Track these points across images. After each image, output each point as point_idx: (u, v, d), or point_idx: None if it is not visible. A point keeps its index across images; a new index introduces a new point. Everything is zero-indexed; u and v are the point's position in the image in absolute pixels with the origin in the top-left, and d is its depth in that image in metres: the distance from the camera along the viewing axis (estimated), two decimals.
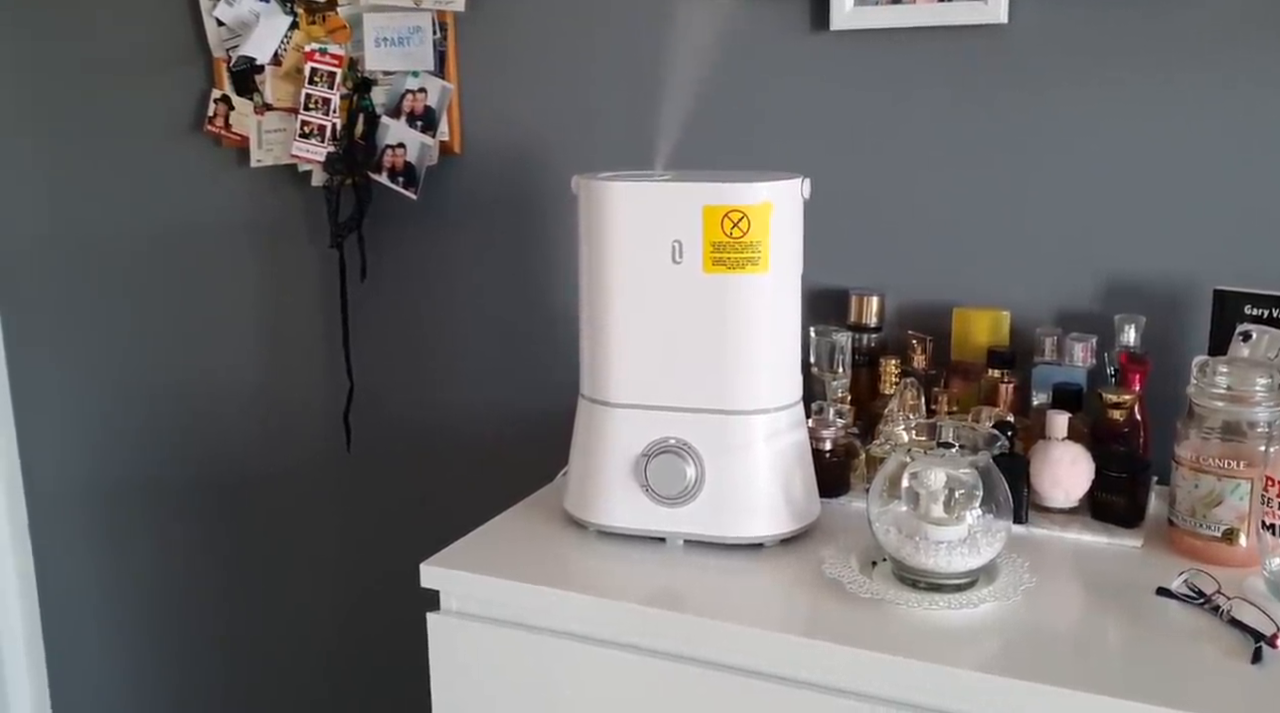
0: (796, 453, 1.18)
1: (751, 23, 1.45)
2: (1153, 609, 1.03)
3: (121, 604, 2.15)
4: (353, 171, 1.71)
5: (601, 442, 1.19)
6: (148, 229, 1.94)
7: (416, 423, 1.80)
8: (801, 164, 1.43)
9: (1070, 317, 1.36)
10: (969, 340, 1.37)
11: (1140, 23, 1.28)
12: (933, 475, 1.05)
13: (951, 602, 1.02)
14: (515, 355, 1.71)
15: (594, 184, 1.15)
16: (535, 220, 1.65)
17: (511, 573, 1.14)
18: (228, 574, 2.03)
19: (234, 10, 1.76)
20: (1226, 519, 1.09)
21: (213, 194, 1.87)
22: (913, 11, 1.36)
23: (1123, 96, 1.30)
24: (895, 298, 1.44)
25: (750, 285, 1.12)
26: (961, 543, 1.04)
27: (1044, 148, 1.35)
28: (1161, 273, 1.32)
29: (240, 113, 1.80)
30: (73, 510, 2.15)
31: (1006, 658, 0.95)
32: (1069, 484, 1.18)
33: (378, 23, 1.65)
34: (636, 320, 1.15)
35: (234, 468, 1.97)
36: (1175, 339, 1.30)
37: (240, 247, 1.87)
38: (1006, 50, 1.34)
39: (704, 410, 1.15)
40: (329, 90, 1.70)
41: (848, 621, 1.02)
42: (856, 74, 1.42)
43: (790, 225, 1.14)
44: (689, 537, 1.17)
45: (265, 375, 1.90)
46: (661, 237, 1.12)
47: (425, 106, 1.66)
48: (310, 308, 1.84)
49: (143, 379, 2.02)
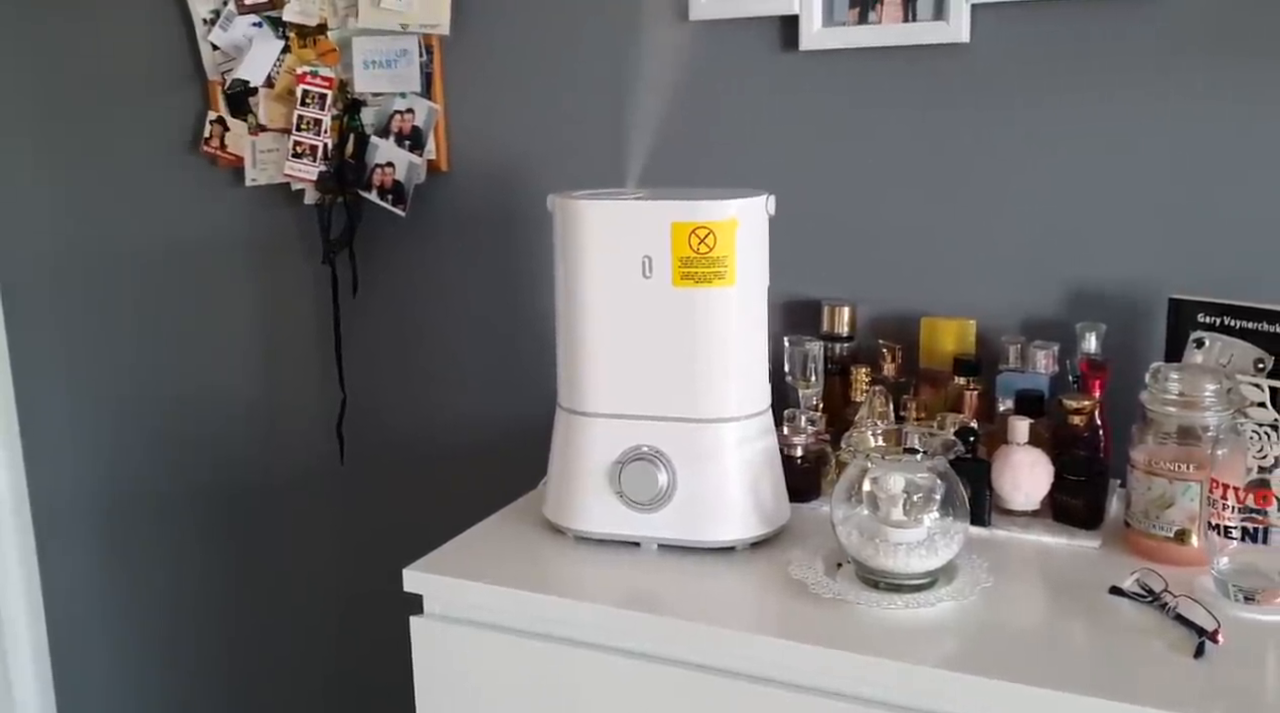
0: (766, 459, 1.22)
1: (724, 45, 1.50)
2: (1105, 608, 1.07)
3: (125, 613, 2.20)
4: (344, 190, 1.76)
5: (577, 450, 1.24)
6: (148, 246, 1.99)
7: (408, 433, 1.85)
8: (774, 181, 1.47)
9: (1035, 325, 1.40)
10: (936, 349, 1.41)
11: (1095, 40, 1.32)
12: (892, 480, 1.09)
13: (910, 601, 1.06)
14: (501, 366, 1.75)
15: (568, 202, 1.20)
16: (519, 235, 1.69)
17: (492, 577, 1.18)
18: (227, 582, 2.08)
19: (228, 35, 1.81)
20: (1178, 520, 1.13)
21: (210, 212, 1.92)
22: (878, 32, 1.41)
23: (1081, 111, 1.35)
24: (866, 308, 1.48)
25: (717, 298, 1.17)
26: (920, 544, 1.08)
27: (1007, 161, 1.39)
28: (1121, 282, 1.36)
29: (235, 133, 1.85)
30: (76, 521, 2.20)
31: (962, 655, 1.00)
32: (1029, 487, 1.23)
33: (366, 46, 1.70)
34: (609, 333, 1.20)
35: (232, 479, 2.02)
36: (1135, 346, 1.34)
37: (237, 263, 1.92)
38: (968, 68, 1.38)
39: (675, 419, 1.19)
40: (320, 111, 1.75)
41: (812, 620, 1.06)
42: (826, 92, 1.46)
43: (756, 240, 1.18)
44: (663, 541, 1.21)
45: (261, 388, 1.95)
46: (632, 252, 1.17)
47: (413, 126, 1.71)
48: (304, 322, 1.89)
49: (143, 393, 2.07)
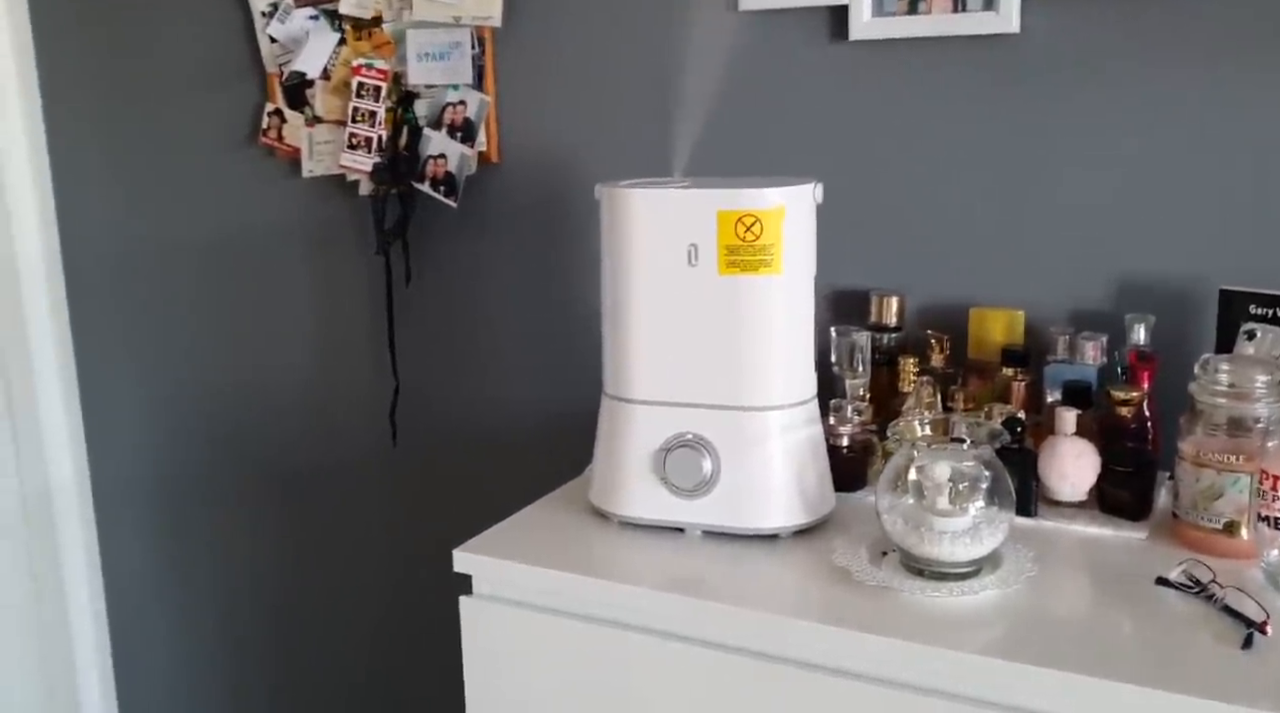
0: (810, 448, 1.23)
1: (773, 35, 1.51)
2: (1151, 598, 1.07)
3: (183, 595, 2.25)
4: (397, 181, 1.79)
5: (622, 437, 1.25)
6: (207, 237, 2.04)
7: (458, 419, 1.88)
8: (822, 171, 1.47)
9: (1083, 316, 1.40)
10: (985, 339, 1.41)
11: (1146, 29, 1.31)
12: (938, 468, 1.09)
13: (954, 589, 1.06)
14: (549, 355, 1.77)
15: (615, 191, 1.21)
16: (569, 226, 1.71)
17: (539, 560, 1.20)
18: (282, 564, 2.12)
19: (286, 28, 1.85)
20: (1227, 512, 1.13)
21: (267, 203, 1.96)
22: (928, 22, 1.40)
23: (1132, 100, 1.34)
24: (914, 298, 1.48)
25: (763, 286, 1.17)
26: (965, 533, 1.08)
27: (1057, 152, 1.39)
28: (1171, 274, 1.35)
29: (293, 125, 1.89)
30: (137, 506, 2.26)
31: (1007, 643, 1.00)
32: (1075, 478, 1.22)
33: (420, 39, 1.73)
34: (655, 321, 1.21)
35: (288, 462, 2.06)
36: (1183, 338, 1.33)
37: (293, 253, 1.96)
38: (1018, 57, 1.38)
39: (719, 406, 1.20)
40: (375, 103, 1.78)
41: (856, 607, 1.06)
42: (875, 83, 1.47)
43: (803, 228, 1.19)
44: (707, 528, 1.23)
45: (316, 375, 1.99)
46: (678, 241, 1.18)
47: (465, 118, 1.73)
48: (358, 311, 1.92)
49: (201, 380, 2.12)
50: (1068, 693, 0.94)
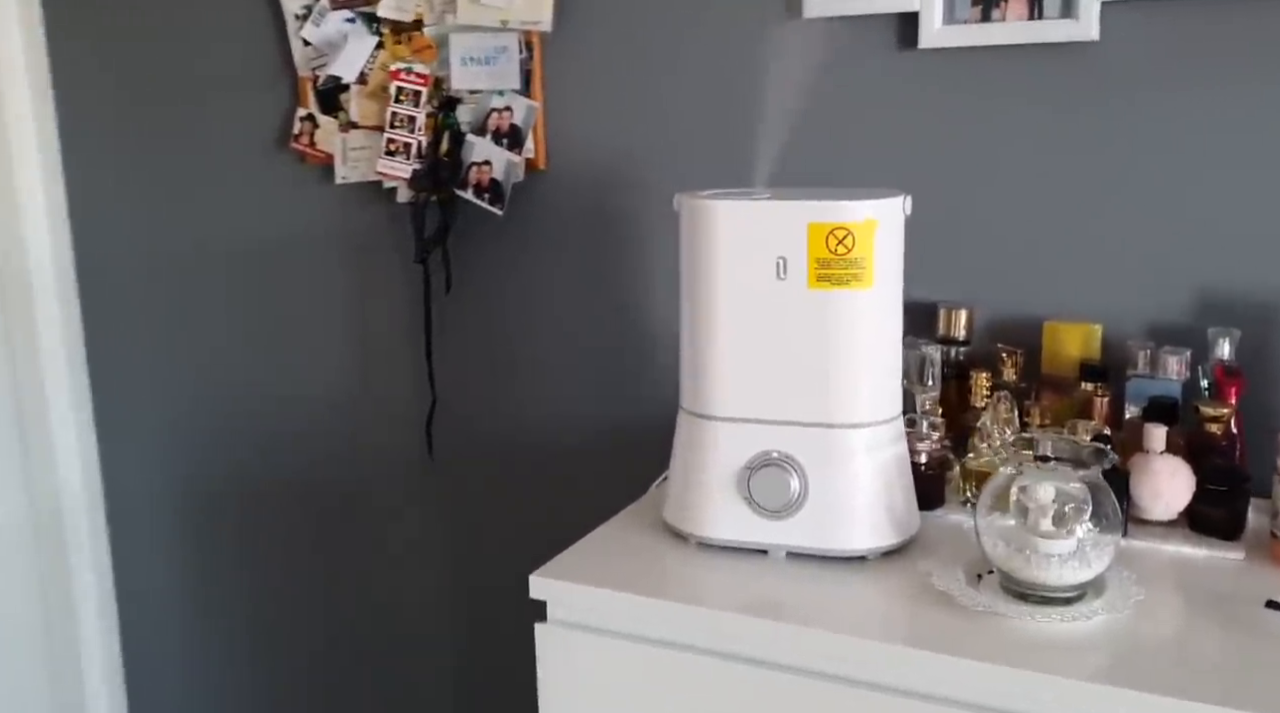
0: (898, 466, 1.19)
1: (838, 41, 1.47)
2: (1264, 622, 1.04)
3: (203, 613, 2.19)
4: (438, 188, 1.74)
5: (703, 455, 1.21)
6: (236, 243, 1.98)
7: (498, 434, 1.83)
8: (890, 180, 1.45)
9: (1160, 330, 1.37)
10: (1060, 354, 1.38)
11: (1229, 36, 1.29)
12: (1042, 489, 1.06)
13: (1064, 614, 1.03)
14: (597, 369, 1.73)
15: (699, 203, 1.18)
16: (620, 236, 1.67)
17: (618, 583, 1.16)
18: (309, 582, 2.07)
19: (320, 30, 1.80)
20: None
21: (299, 209, 1.91)
22: (1003, 30, 1.37)
23: (1213, 110, 1.31)
24: (983, 311, 1.45)
25: (854, 301, 1.14)
26: (1072, 556, 1.05)
27: (1134, 162, 1.36)
28: (1253, 286, 1.32)
29: (326, 130, 1.84)
30: (154, 518, 2.19)
31: (1122, 669, 0.96)
32: (1170, 497, 1.19)
33: (464, 43, 1.69)
34: (740, 335, 1.17)
35: (317, 477, 2.00)
36: (1267, 353, 1.31)
37: (326, 260, 1.91)
38: (1097, 66, 1.35)
39: (807, 424, 1.17)
40: (414, 109, 1.74)
41: (960, 632, 1.03)
42: (946, 92, 1.43)
43: (893, 242, 1.16)
44: (792, 549, 1.19)
45: (348, 386, 1.94)
46: (766, 253, 1.14)
47: (511, 124, 1.69)
48: (394, 320, 1.87)
49: (228, 390, 2.06)
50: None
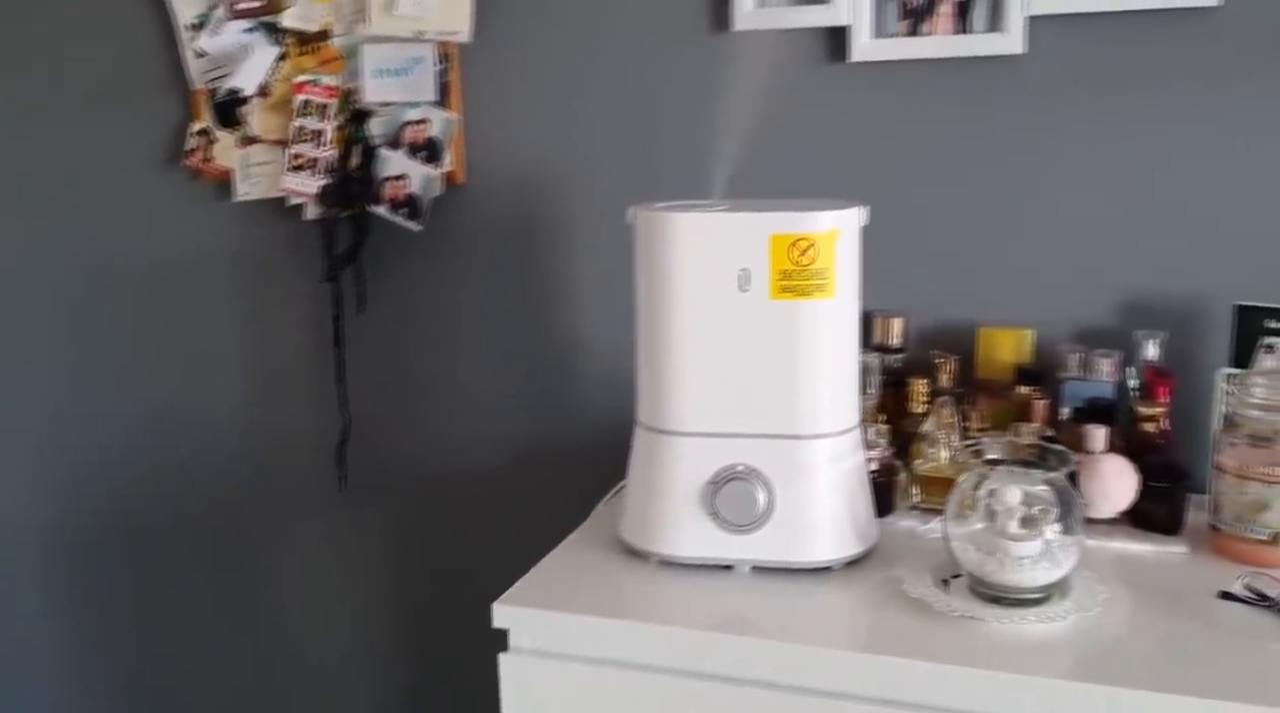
0: (858, 475, 1.20)
1: (768, 54, 1.48)
2: (1219, 612, 1.08)
3: (84, 662, 2.05)
4: (349, 204, 1.68)
5: (665, 471, 1.19)
6: (126, 263, 1.87)
7: (417, 459, 1.77)
8: (822, 191, 1.46)
9: (1088, 334, 1.41)
10: (994, 359, 1.41)
11: (1152, 52, 1.34)
12: (1010, 493, 1.08)
13: (1039, 615, 1.05)
14: (521, 386, 1.69)
15: (658, 215, 1.16)
16: (543, 249, 1.64)
17: (584, 608, 1.12)
18: (208, 628, 1.95)
19: (217, 41, 1.71)
20: (1274, 523, 1.15)
21: (193, 228, 1.81)
22: (932, 43, 1.40)
23: (1136, 122, 1.37)
24: (917, 319, 1.47)
25: (818, 311, 1.14)
26: (1041, 557, 1.07)
27: (1061, 172, 1.40)
28: (1175, 290, 1.38)
29: (223, 146, 1.75)
30: (28, 557, 2.04)
31: (1098, 666, 0.98)
32: (1118, 496, 1.23)
33: (377, 54, 1.63)
34: (702, 348, 1.16)
35: (219, 510, 1.90)
36: (1191, 353, 1.36)
37: (224, 281, 1.81)
38: (1024, 79, 1.39)
39: (771, 436, 1.16)
40: (322, 122, 1.67)
41: (937, 637, 1.03)
42: (876, 104, 1.45)
43: (852, 252, 1.16)
44: (758, 563, 1.18)
45: (253, 413, 1.85)
46: (728, 265, 1.13)
47: (427, 137, 1.64)
48: (302, 342, 1.79)
49: (122, 420, 1.93)
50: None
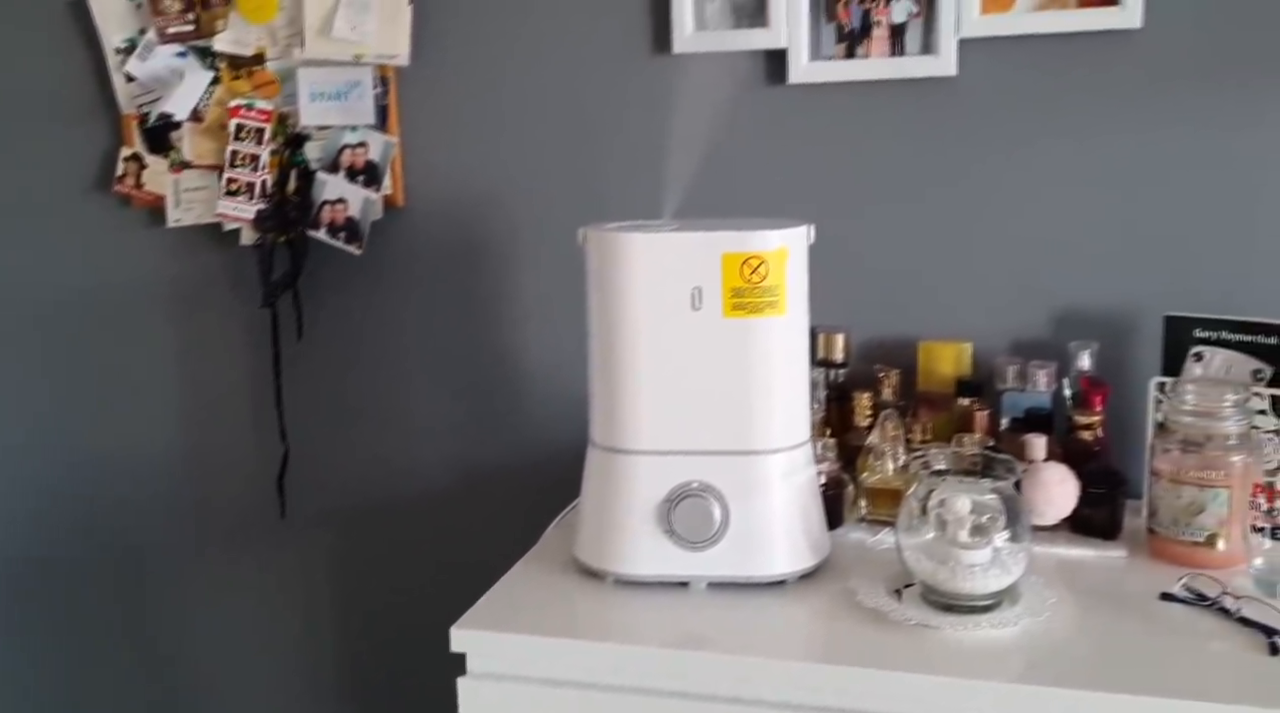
0: (811, 489, 1.21)
1: (708, 77, 1.50)
2: (1161, 613, 1.11)
3: (18, 697, 1.98)
4: (286, 228, 1.66)
5: (618, 490, 1.19)
6: (54, 292, 1.82)
7: (359, 485, 1.75)
8: (763, 211, 1.48)
9: (1023, 345, 1.45)
10: (934, 371, 1.44)
11: (1078, 71, 1.39)
12: (960, 502, 1.10)
13: (992, 621, 1.07)
14: (467, 409, 1.68)
15: (610, 236, 1.17)
16: (484, 271, 1.64)
17: (542, 629, 1.12)
18: (147, 668, 1.90)
19: (147, 66, 1.68)
20: (1209, 525, 1.19)
21: (125, 255, 1.77)
22: (867, 66, 1.44)
23: (1065, 139, 1.41)
24: (859, 334, 1.50)
25: (769, 328, 1.16)
26: (991, 564, 1.09)
27: (994, 189, 1.44)
28: (1107, 302, 1.42)
29: (155, 171, 1.72)
30: None
31: (1052, 669, 1.01)
32: (1060, 503, 1.26)
33: (313, 77, 1.62)
34: (656, 367, 1.16)
35: (154, 544, 1.85)
36: (1123, 362, 1.41)
37: (157, 308, 1.78)
38: (957, 100, 1.43)
39: (725, 452, 1.17)
40: (257, 146, 1.65)
41: (894, 647, 1.05)
42: (814, 125, 1.48)
43: (801, 269, 1.18)
44: (714, 579, 1.18)
45: (189, 443, 1.81)
46: (680, 284, 1.14)
47: (366, 161, 1.63)
48: (239, 370, 1.76)
49: (50, 454, 1.88)
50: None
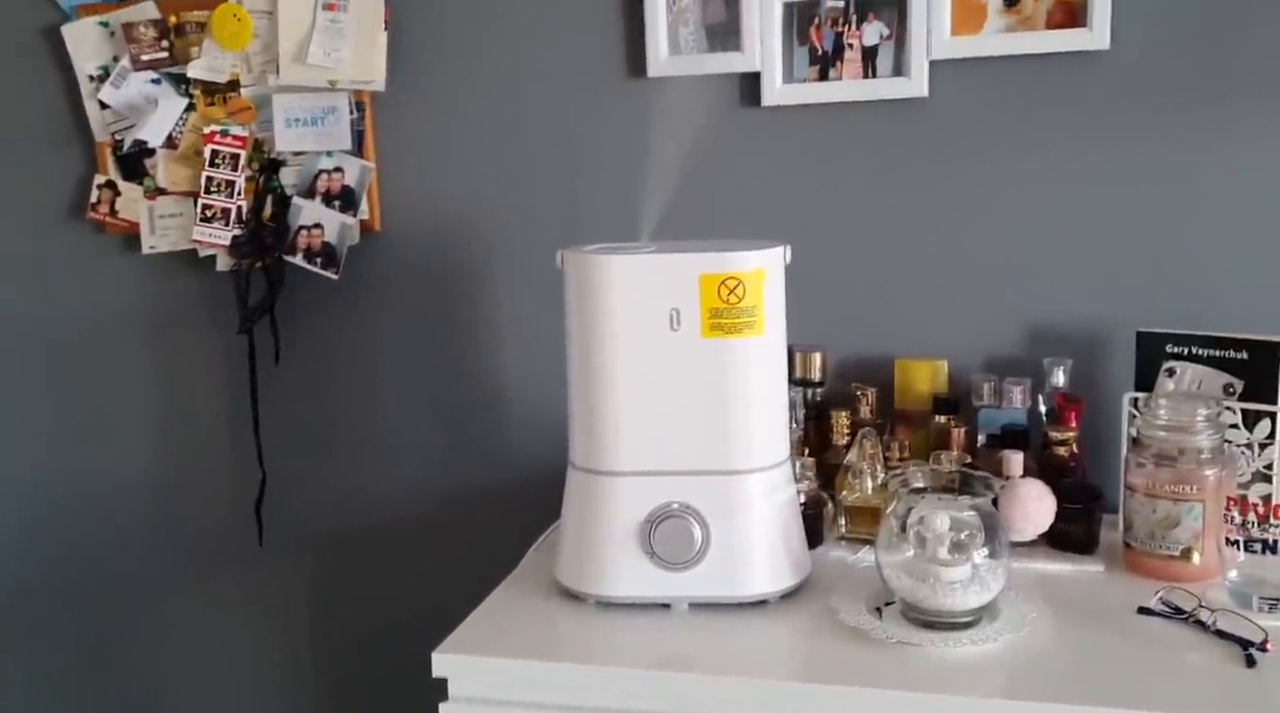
0: (791, 508, 1.22)
1: (683, 100, 1.51)
2: (1139, 627, 1.12)
3: None
4: (263, 254, 1.65)
5: (598, 512, 1.20)
6: (27, 321, 1.81)
7: (337, 511, 1.74)
8: (740, 232, 1.49)
9: (997, 362, 1.47)
10: (911, 389, 1.46)
11: (1047, 92, 1.41)
12: (939, 519, 1.11)
13: (973, 638, 1.08)
14: (445, 433, 1.68)
15: (589, 258, 1.17)
16: (461, 295, 1.64)
17: (524, 653, 1.12)
18: (125, 701, 1.88)
19: (121, 93, 1.68)
20: (1184, 539, 1.20)
21: (99, 283, 1.77)
22: (840, 88, 1.45)
23: (1036, 158, 1.43)
24: (835, 353, 1.51)
25: (747, 348, 1.16)
26: (971, 581, 1.10)
27: (967, 208, 1.46)
28: (1080, 319, 1.44)
29: (129, 198, 1.72)
30: None
31: (1035, 684, 1.02)
32: (1038, 518, 1.27)
33: (288, 103, 1.62)
34: (636, 388, 1.17)
35: (129, 573, 1.84)
36: (1096, 378, 1.42)
37: (133, 335, 1.77)
38: (928, 120, 1.45)
39: (705, 472, 1.17)
40: (233, 173, 1.65)
41: (877, 664, 1.06)
42: (789, 146, 1.49)
43: (778, 289, 1.19)
44: (695, 600, 1.19)
45: (165, 471, 1.80)
46: (659, 306, 1.15)
47: (343, 186, 1.63)
48: (216, 396, 1.75)
49: (26, 481, 1.86)
50: None
